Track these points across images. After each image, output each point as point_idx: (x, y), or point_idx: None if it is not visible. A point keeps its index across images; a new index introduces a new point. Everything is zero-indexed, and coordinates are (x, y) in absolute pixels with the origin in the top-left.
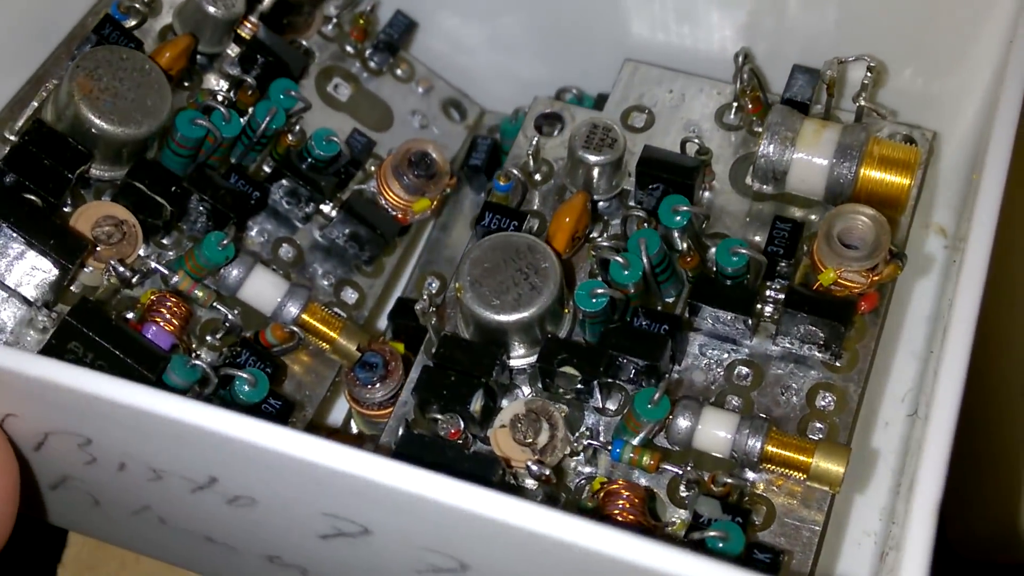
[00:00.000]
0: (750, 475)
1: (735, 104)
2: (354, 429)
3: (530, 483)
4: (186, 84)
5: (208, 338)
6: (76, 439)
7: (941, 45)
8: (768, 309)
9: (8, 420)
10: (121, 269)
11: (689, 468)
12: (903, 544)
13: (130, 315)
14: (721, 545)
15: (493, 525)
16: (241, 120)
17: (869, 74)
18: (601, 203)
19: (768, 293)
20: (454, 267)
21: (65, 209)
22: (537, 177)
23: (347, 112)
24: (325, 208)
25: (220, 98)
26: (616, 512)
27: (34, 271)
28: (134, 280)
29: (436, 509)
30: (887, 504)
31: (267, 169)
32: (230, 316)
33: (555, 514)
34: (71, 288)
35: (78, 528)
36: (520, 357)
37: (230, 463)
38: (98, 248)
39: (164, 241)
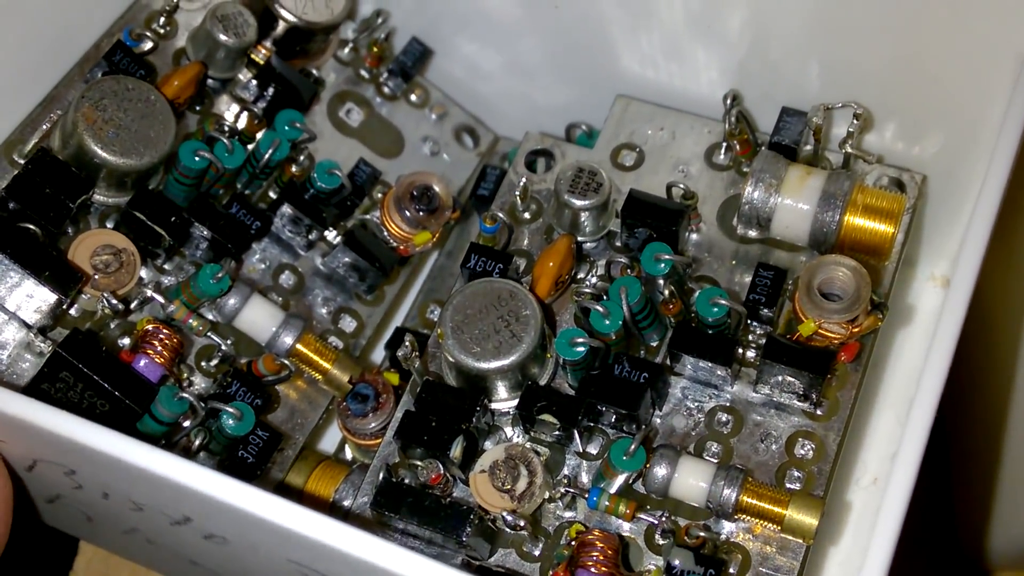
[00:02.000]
0: (726, 525)
1: (724, 144)
2: (348, 455)
3: (507, 527)
4: (197, 108)
5: (203, 364)
6: (61, 468)
7: (929, 90)
8: (750, 354)
9: (0, 445)
10: (114, 302)
11: (664, 518)
12: None
13: (125, 341)
14: None
15: None
16: (247, 149)
17: (856, 121)
18: (588, 244)
19: (750, 338)
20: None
21: (69, 231)
22: (526, 215)
23: (357, 138)
24: (328, 235)
25: (226, 128)
26: (590, 564)
27: (32, 298)
28: (132, 307)
29: None
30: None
31: (273, 195)
32: (223, 347)
33: None
34: (70, 312)
35: (78, 536)
36: (502, 401)
37: (199, 509)
38: (96, 277)
39: (164, 267)
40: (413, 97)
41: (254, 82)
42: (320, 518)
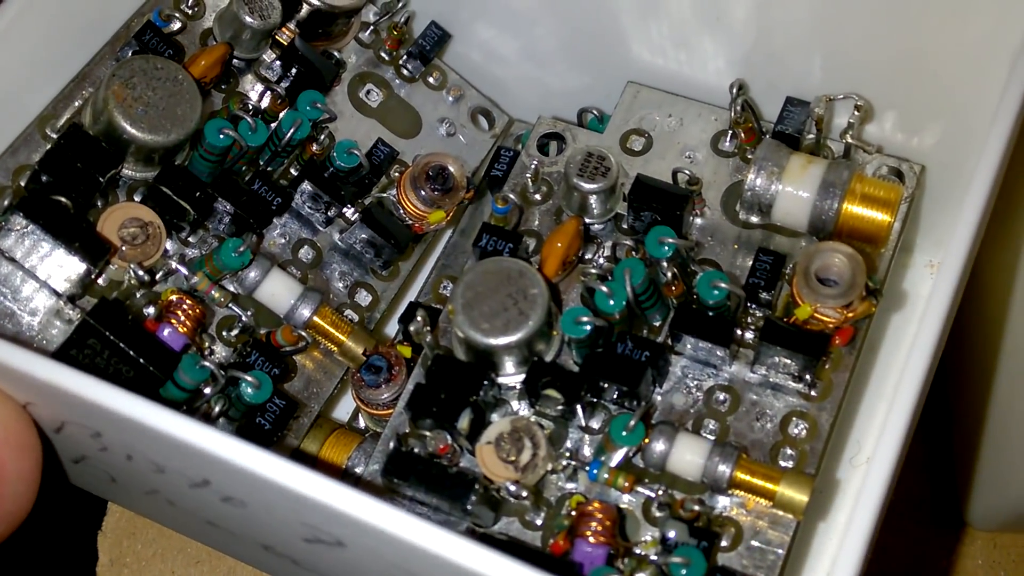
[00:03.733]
0: (720, 499)
1: (730, 132)
2: (361, 424)
3: (510, 497)
4: (223, 87)
5: (224, 333)
6: (88, 430)
7: (928, 82)
8: (748, 335)
9: (30, 406)
10: (140, 273)
11: (661, 492)
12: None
13: (150, 310)
14: (684, 572)
15: (450, 565)
16: (269, 127)
17: (857, 112)
18: (595, 226)
19: (749, 320)
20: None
21: (98, 204)
22: (537, 197)
23: (376, 118)
24: (346, 212)
25: (250, 107)
26: (588, 533)
27: (62, 267)
28: (157, 278)
29: (397, 541)
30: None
31: (294, 172)
32: (243, 317)
33: (504, 560)
34: (98, 281)
35: (103, 496)
36: (510, 375)
37: (217, 473)
38: (123, 248)
39: (189, 239)
40: (431, 79)
41: (278, 63)
42: (332, 484)
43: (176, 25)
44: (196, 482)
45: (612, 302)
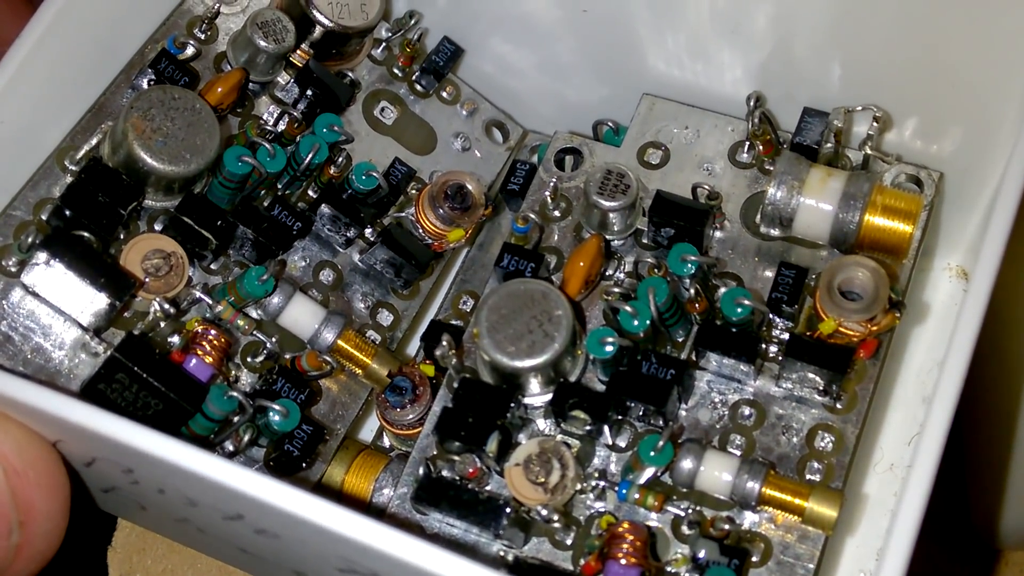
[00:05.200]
0: (748, 515)
1: (747, 143)
2: (386, 442)
3: (541, 520)
4: (238, 111)
5: (249, 360)
6: (119, 466)
7: (947, 88)
8: (773, 349)
9: (60, 444)
10: (167, 306)
11: (691, 511)
12: None
13: (175, 339)
14: None
15: None
16: (287, 151)
17: (875, 124)
18: (615, 242)
19: (773, 333)
20: (485, 284)
21: (120, 236)
22: (556, 213)
23: (392, 135)
24: (366, 233)
25: (267, 131)
26: (620, 555)
27: (88, 302)
28: (182, 307)
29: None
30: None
31: (312, 194)
32: (268, 344)
33: None
34: (124, 313)
35: (130, 520)
36: (536, 395)
37: (251, 509)
38: (147, 280)
39: (211, 266)
40: (444, 94)
41: (293, 84)
42: (367, 522)
43: (190, 51)
44: (229, 515)
45: (636, 322)
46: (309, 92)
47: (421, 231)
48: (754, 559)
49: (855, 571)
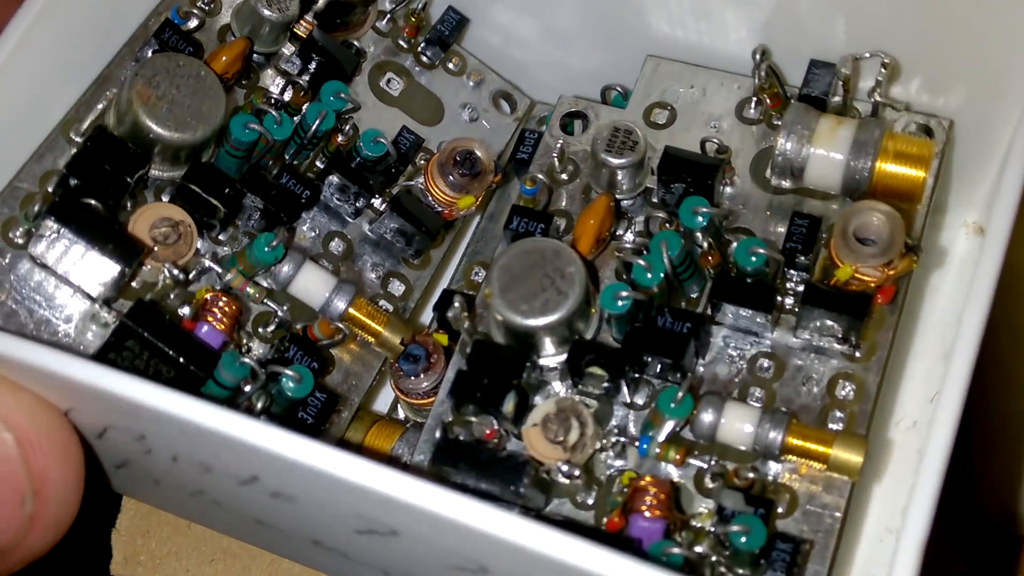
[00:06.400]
0: (772, 466)
1: (754, 98)
2: (401, 414)
3: (562, 477)
4: (243, 82)
5: (260, 330)
6: (132, 433)
7: (954, 39)
8: (789, 301)
9: (72, 412)
10: (176, 272)
11: (713, 462)
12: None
13: (185, 310)
14: (744, 539)
15: (508, 545)
16: (293, 120)
17: (884, 70)
18: (625, 201)
19: (788, 285)
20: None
21: (127, 205)
22: (563, 176)
23: (398, 107)
24: (375, 202)
25: (273, 100)
26: (644, 508)
27: (96, 271)
28: (190, 277)
29: (453, 525)
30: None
31: (320, 164)
32: (279, 313)
33: (563, 537)
34: (132, 283)
35: (142, 499)
36: (550, 356)
37: (266, 468)
38: (155, 248)
39: (220, 237)
40: (451, 65)
41: (298, 55)
42: (386, 471)
43: (194, 22)
44: (244, 479)
45: (650, 276)
46: (314, 62)
47: (431, 199)
48: (780, 510)
49: (882, 530)
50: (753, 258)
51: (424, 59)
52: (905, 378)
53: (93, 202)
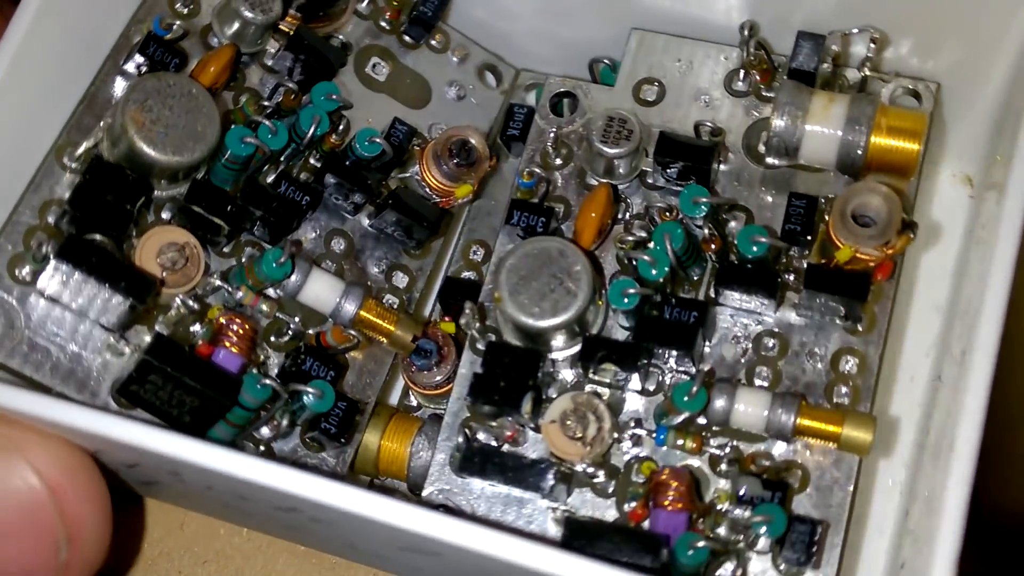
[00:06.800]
0: (782, 444)
1: (742, 71)
2: (413, 401)
3: (585, 477)
4: (231, 84)
5: (273, 339)
6: (164, 469)
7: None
8: (790, 278)
9: (100, 453)
10: (191, 303)
11: (728, 449)
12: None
13: (196, 327)
14: (765, 529)
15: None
16: (286, 124)
17: (872, 44)
18: (621, 186)
19: (789, 264)
20: (496, 233)
21: (132, 232)
22: (558, 161)
23: (386, 92)
24: (374, 198)
25: (265, 104)
26: (667, 503)
27: (110, 305)
28: (203, 299)
29: (496, 560)
30: (911, 456)
31: (313, 163)
32: (291, 325)
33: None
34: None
35: (164, 500)
36: (561, 349)
37: (305, 505)
38: (164, 274)
39: (224, 250)
40: (434, 42)
41: (284, 52)
42: (424, 513)
43: (178, 30)
44: (282, 507)
45: (655, 270)
46: (301, 60)
47: (428, 190)
48: (793, 486)
49: (887, 481)
50: (755, 247)
51: (407, 40)
52: (901, 335)
53: (99, 237)
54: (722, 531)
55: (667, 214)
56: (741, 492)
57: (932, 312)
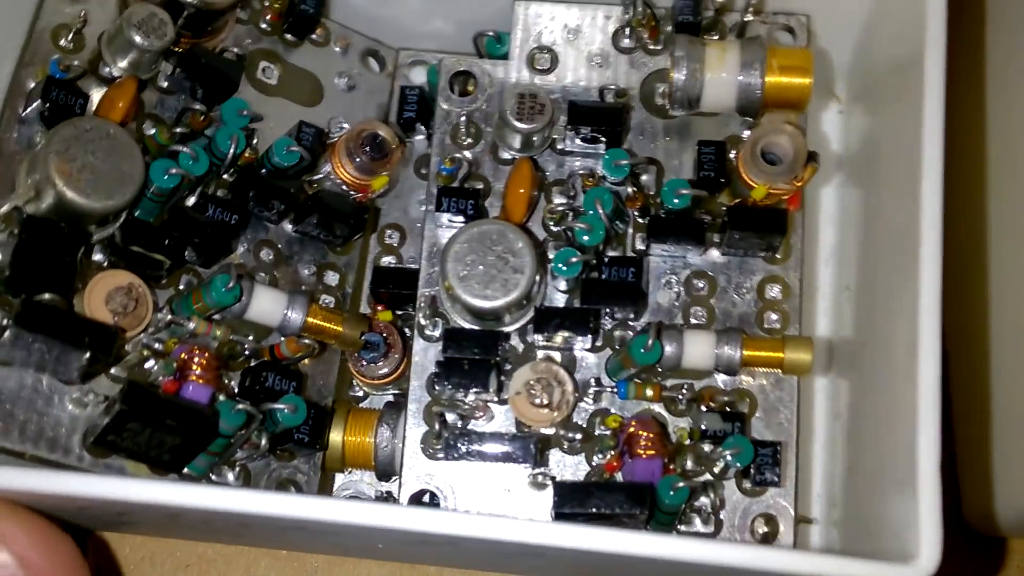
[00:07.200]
0: (730, 378)
1: (628, 28)
2: (359, 391)
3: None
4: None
5: (230, 362)
6: (160, 515)
7: None
8: (707, 217)
9: (85, 510)
10: (156, 346)
11: (684, 390)
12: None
13: (150, 364)
14: (730, 458)
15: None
16: (200, 145)
17: None
18: (536, 156)
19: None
20: (407, 215)
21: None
22: (468, 140)
23: (281, 95)
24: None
25: (177, 131)
26: (641, 452)
27: (73, 362)
28: (153, 333)
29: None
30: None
31: (227, 177)
32: (246, 346)
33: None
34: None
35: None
36: (513, 323)
37: (315, 524)
38: (115, 319)
39: (162, 282)
40: (315, 36)
41: (180, 74)
42: (444, 515)
43: (76, 69)
44: (292, 528)
45: (589, 237)
46: (200, 80)
47: (345, 187)
48: (744, 411)
49: (838, 408)
50: (676, 199)
51: (289, 38)
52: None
53: (49, 296)
54: (690, 466)
55: (590, 180)
56: (704, 428)
57: (827, 224)
